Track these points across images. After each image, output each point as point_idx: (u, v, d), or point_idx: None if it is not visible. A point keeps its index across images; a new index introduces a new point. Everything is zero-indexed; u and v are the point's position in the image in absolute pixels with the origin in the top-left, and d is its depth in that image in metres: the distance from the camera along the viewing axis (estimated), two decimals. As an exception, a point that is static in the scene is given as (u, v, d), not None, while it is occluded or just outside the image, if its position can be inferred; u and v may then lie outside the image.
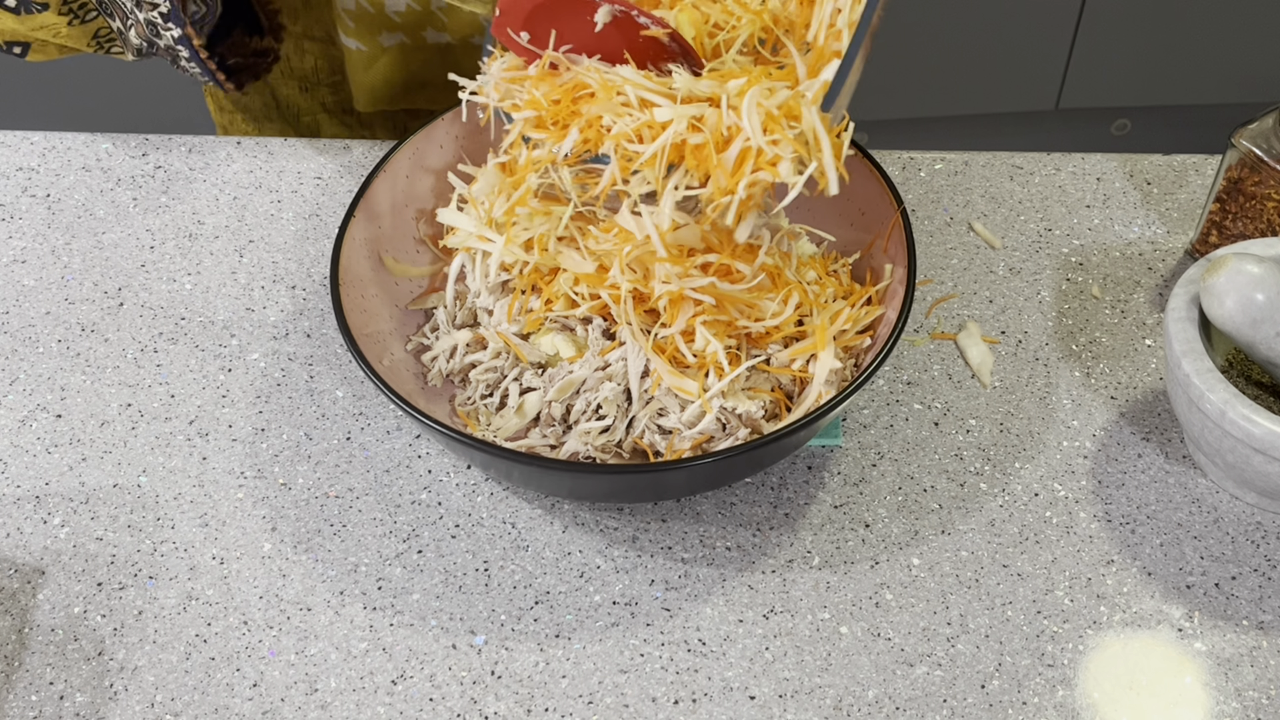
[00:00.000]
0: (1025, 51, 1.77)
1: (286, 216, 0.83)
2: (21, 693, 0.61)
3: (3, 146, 0.88)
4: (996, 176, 0.85)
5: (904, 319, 0.64)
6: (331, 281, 0.66)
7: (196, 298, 0.78)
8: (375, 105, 0.88)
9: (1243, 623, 0.63)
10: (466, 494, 0.69)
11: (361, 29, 0.83)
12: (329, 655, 0.62)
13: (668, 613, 0.64)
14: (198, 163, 0.87)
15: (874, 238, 0.71)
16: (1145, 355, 0.75)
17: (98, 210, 0.84)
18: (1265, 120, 0.73)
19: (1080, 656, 0.62)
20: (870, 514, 0.67)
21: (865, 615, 0.63)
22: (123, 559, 0.66)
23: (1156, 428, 0.71)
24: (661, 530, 0.67)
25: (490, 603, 0.64)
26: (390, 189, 0.72)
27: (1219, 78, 1.83)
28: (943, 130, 1.90)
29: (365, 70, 0.86)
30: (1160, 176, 0.85)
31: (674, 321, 0.64)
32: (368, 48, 0.84)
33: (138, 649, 0.62)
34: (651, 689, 0.61)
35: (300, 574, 0.65)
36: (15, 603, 0.64)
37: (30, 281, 0.79)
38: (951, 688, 0.61)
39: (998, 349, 0.75)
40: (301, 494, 0.69)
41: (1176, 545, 0.66)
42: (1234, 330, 0.63)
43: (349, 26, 0.83)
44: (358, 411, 0.72)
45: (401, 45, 0.85)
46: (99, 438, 0.71)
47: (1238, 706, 0.60)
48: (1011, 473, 0.69)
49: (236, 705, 0.60)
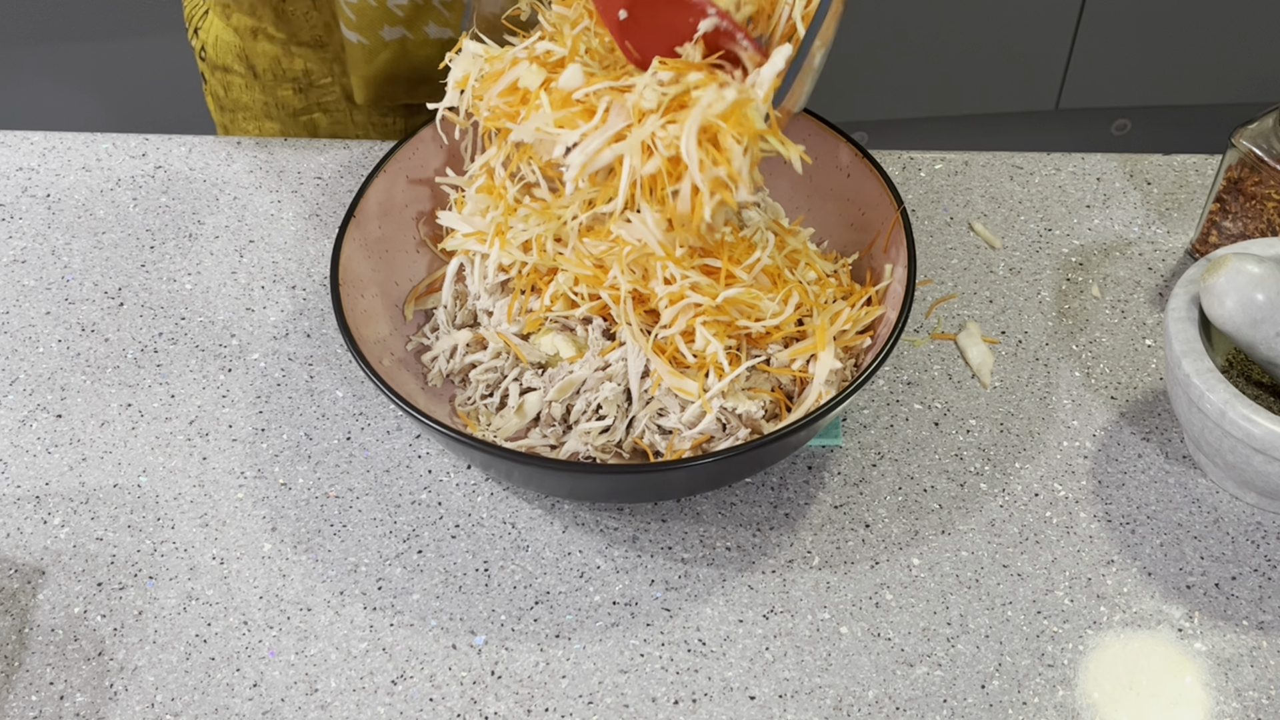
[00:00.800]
0: (1025, 51, 1.77)
1: (286, 216, 0.83)
2: (21, 693, 0.61)
3: (3, 146, 0.88)
4: (996, 176, 0.85)
5: (904, 319, 0.64)
6: (331, 281, 0.66)
7: (196, 298, 0.78)
8: (375, 100, 0.88)
9: (1243, 623, 0.63)
10: (466, 494, 0.69)
11: (363, 23, 0.83)
12: (329, 655, 0.62)
13: (668, 613, 0.64)
14: (198, 163, 0.87)
15: (874, 238, 0.71)
16: (1145, 355, 0.75)
17: (98, 210, 0.84)
18: (1265, 120, 0.73)
19: (1080, 656, 0.62)
20: (870, 514, 0.67)
21: (865, 615, 0.63)
22: (123, 559, 0.66)
23: (1156, 428, 0.71)
24: (661, 530, 0.67)
25: (490, 603, 0.64)
26: (390, 189, 0.72)
27: (1219, 78, 1.83)
28: (943, 130, 1.90)
29: (366, 64, 0.86)
30: (1160, 176, 0.85)
31: (674, 323, 0.64)
32: (369, 42, 0.84)
33: (138, 649, 0.62)
34: (651, 689, 0.61)
35: (300, 574, 0.65)
36: (15, 603, 0.64)
37: (30, 281, 0.79)
38: (951, 688, 0.61)
39: (998, 349, 0.75)
40: (301, 494, 0.69)
41: (1176, 545, 0.66)
42: (1234, 330, 0.63)
43: (350, 20, 0.83)
44: (358, 411, 0.72)
45: (403, 40, 0.85)
46: (99, 438, 0.71)
47: (1238, 706, 0.60)
48: (1011, 473, 0.69)
49: (236, 705, 0.60)
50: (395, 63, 0.86)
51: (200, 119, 1.14)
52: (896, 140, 1.89)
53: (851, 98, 1.76)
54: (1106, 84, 1.83)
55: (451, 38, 0.86)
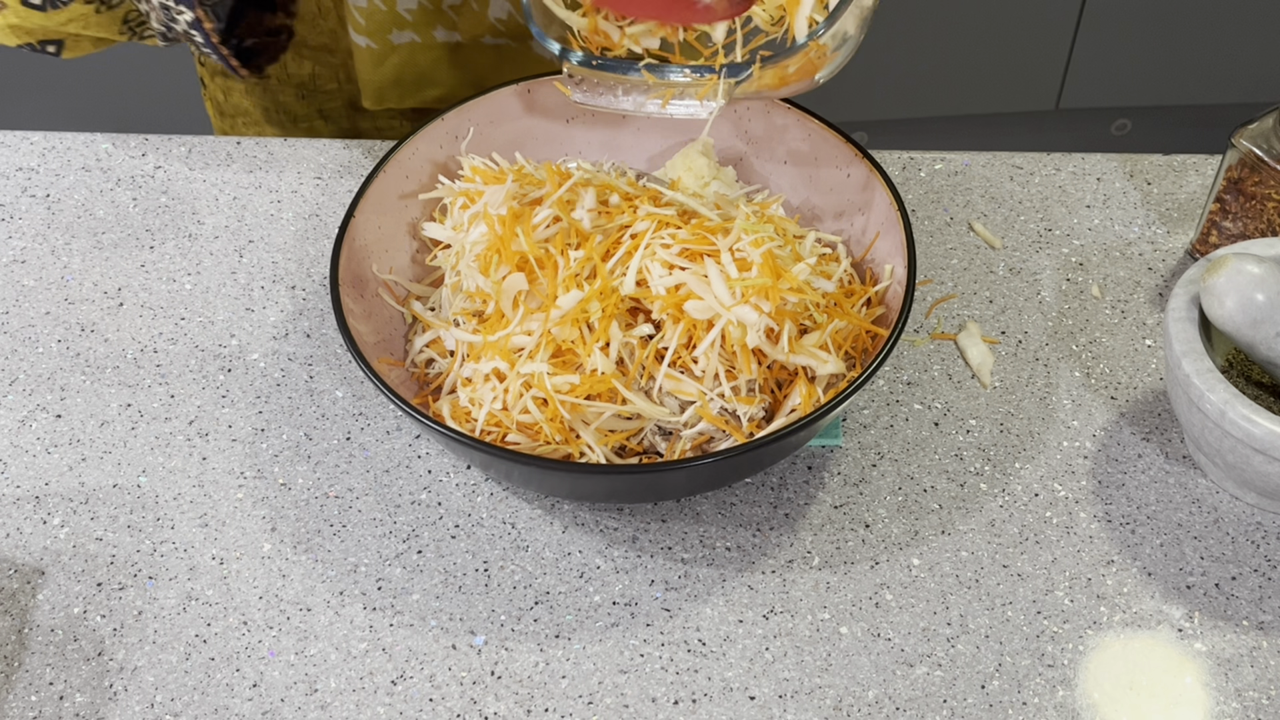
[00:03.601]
0: (1025, 51, 1.77)
1: (286, 216, 0.83)
2: (21, 693, 0.61)
3: (3, 146, 0.88)
4: (996, 176, 0.85)
5: (904, 319, 0.64)
6: (331, 281, 0.66)
7: (196, 298, 0.78)
8: (383, 103, 0.88)
9: (1243, 623, 0.63)
10: (466, 494, 0.69)
11: (372, 26, 0.83)
12: (329, 655, 0.62)
13: (668, 613, 0.64)
14: (198, 163, 0.87)
15: (874, 238, 0.71)
16: (1145, 355, 0.75)
17: (98, 210, 0.84)
18: (1265, 120, 0.73)
19: (1080, 657, 0.62)
20: (870, 514, 0.67)
21: (865, 615, 0.63)
22: (122, 559, 0.66)
23: (1156, 428, 0.71)
24: (661, 530, 0.67)
25: (490, 603, 0.64)
26: (390, 189, 0.72)
27: (1219, 78, 1.83)
28: (943, 130, 1.90)
29: (375, 68, 0.86)
30: (1160, 176, 0.85)
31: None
32: (378, 45, 0.84)
33: (138, 649, 0.62)
34: (651, 689, 0.61)
35: (300, 574, 0.65)
36: (15, 603, 0.64)
37: (30, 281, 0.79)
38: (951, 688, 0.61)
39: (998, 349, 0.75)
40: (301, 494, 0.69)
41: (1176, 545, 0.66)
42: (1234, 330, 0.63)
43: (359, 24, 0.83)
44: (358, 411, 0.72)
45: (412, 44, 0.85)
46: (99, 438, 0.71)
47: (1238, 706, 0.60)
48: (1011, 473, 0.69)
49: (236, 705, 0.60)
50: (402, 67, 0.86)
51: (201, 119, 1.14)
52: (896, 140, 1.89)
53: (851, 98, 1.76)
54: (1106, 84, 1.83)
55: (459, 42, 0.86)
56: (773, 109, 0.75)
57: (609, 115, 0.78)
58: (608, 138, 0.79)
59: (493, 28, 0.86)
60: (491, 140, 0.77)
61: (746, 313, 0.62)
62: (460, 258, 0.70)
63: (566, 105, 0.77)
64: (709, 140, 0.77)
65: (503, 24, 0.86)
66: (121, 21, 0.78)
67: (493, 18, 0.85)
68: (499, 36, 0.86)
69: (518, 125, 0.77)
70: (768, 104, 0.75)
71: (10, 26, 0.77)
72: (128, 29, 0.78)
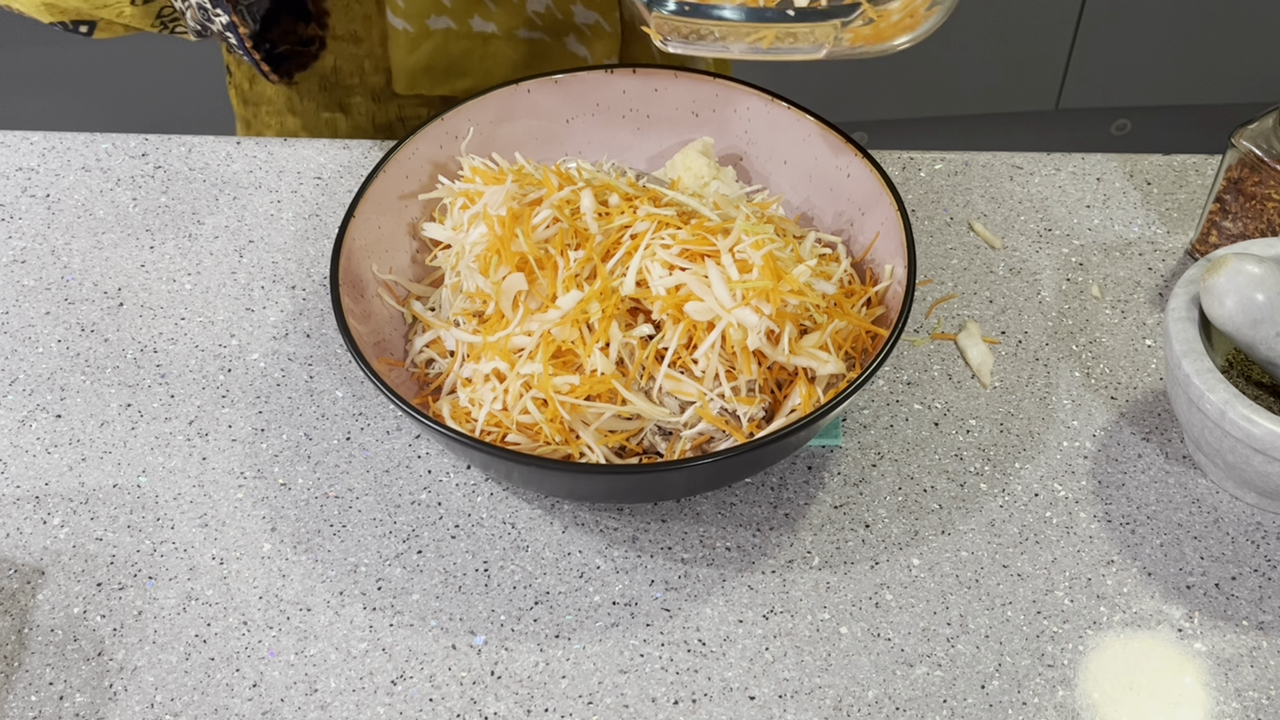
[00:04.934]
0: (1025, 51, 1.77)
1: (286, 216, 0.83)
2: (21, 693, 0.61)
3: (3, 146, 0.88)
4: (996, 176, 0.85)
5: (904, 319, 0.64)
6: (331, 281, 0.66)
7: (196, 298, 0.78)
8: (414, 89, 0.88)
9: (1243, 623, 0.63)
10: (466, 494, 0.69)
11: (411, 9, 0.83)
12: (329, 655, 0.62)
13: (668, 613, 0.64)
14: (198, 163, 0.87)
15: (874, 238, 0.71)
16: (1145, 355, 0.75)
17: (98, 210, 0.84)
18: (1265, 120, 0.73)
19: (1080, 657, 0.62)
20: (870, 514, 0.67)
21: (865, 615, 0.63)
22: (122, 559, 0.66)
23: (1156, 428, 0.71)
24: (661, 530, 0.67)
25: (490, 603, 0.64)
26: (390, 189, 0.72)
27: (1219, 78, 1.83)
28: (943, 130, 1.90)
29: (409, 53, 0.86)
30: (1160, 176, 0.85)
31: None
32: (414, 29, 0.84)
33: (137, 649, 0.62)
34: (651, 689, 0.61)
35: (300, 574, 0.65)
36: (15, 603, 0.64)
37: (30, 281, 0.79)
38: (951, 688, 0.61)
39: (998, 349, 0.75)
40: (301, 494, 0.69)
41: (1176, 545, 0.66)
42: (1234, 330, 0.63)
43: (399, 6, 0.83)
44: (358, 411, 0.72)
45: (447, 30, 0.85)
46: (99, 438, 0.71)
47: (1238, 706, 0.60)
48: (1011, 473, 0.69)
49: (236, 705, 0.60)
50: (435, 54, 0.86)
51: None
52: (896, 140, 1.89)
53: (851, 98, 1.76)
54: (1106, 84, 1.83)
55: (494, 32, 0.86)
56: (773, 108, 0.75)
57: (608, 115, 0.78)
58: (607, 138, 0.79)
59: (530, 20, 0.85)
60: (491, 140, 0.77)
61: (747, 315, 0.62)
62: (460, 258, 0.70)
63: (566, 105, 0.77)
64: (709, 140, 0.77)
65: (540, 17, 0.86)
66: (155, 16, 0.78)
67: (531, 10, 0.85)
68: (534, 30, 0.86)
69: (518, 125, 0.77)
70: (768, 103, 0.75)
71: (45, 4, 0.77)
72: (160, 23, 0.79)
